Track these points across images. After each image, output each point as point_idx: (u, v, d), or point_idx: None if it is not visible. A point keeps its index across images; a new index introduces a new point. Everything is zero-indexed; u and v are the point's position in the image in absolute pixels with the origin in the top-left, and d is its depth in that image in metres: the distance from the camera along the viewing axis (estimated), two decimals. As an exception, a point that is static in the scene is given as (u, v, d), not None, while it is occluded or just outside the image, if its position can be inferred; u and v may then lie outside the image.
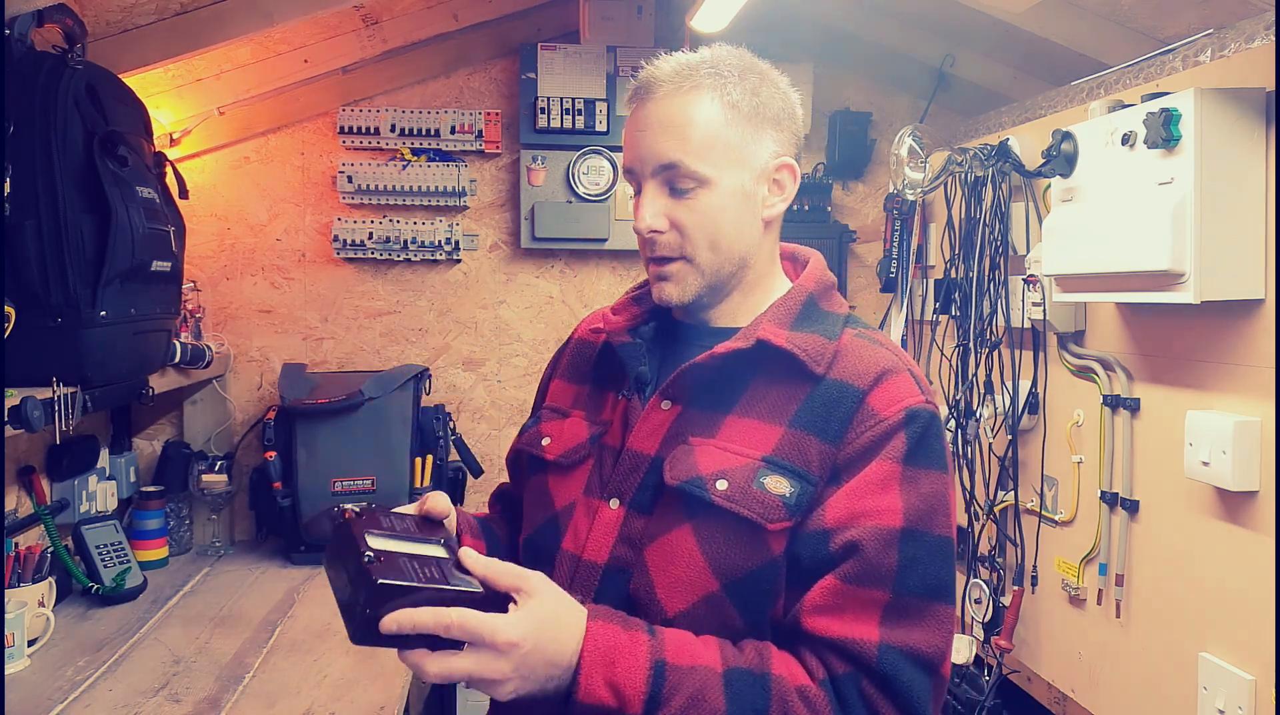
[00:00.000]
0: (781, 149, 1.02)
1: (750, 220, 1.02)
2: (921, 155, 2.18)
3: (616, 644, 0.86)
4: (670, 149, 0.97)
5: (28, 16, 1.54)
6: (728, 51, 1.02)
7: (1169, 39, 1.79)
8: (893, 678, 0.87)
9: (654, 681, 0.84)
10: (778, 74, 1.04)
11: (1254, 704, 1.39)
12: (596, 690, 0.84)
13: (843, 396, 0.95)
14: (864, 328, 1.04)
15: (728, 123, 0.98)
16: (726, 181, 0.98)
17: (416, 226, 2.52)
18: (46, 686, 1.58)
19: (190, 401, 2.47)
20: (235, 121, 2.44)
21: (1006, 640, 1.94)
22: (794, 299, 1.03)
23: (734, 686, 0.86)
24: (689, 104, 0.97)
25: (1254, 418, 1.39)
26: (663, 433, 1.00)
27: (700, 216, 0.98)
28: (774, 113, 1.01)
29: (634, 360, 1.05)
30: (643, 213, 0.99)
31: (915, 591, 0.90)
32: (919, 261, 2.34)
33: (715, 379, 1.00)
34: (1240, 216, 1.39)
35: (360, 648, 1.75)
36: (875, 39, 2.52)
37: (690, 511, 0.94)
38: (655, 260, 1.02)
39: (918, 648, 0.89)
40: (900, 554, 0.89)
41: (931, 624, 0.90)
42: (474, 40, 2.53)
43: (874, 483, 0.91)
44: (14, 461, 1.92)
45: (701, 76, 0.98)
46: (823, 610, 0.90)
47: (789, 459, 0.94)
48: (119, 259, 1.58)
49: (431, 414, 2.40)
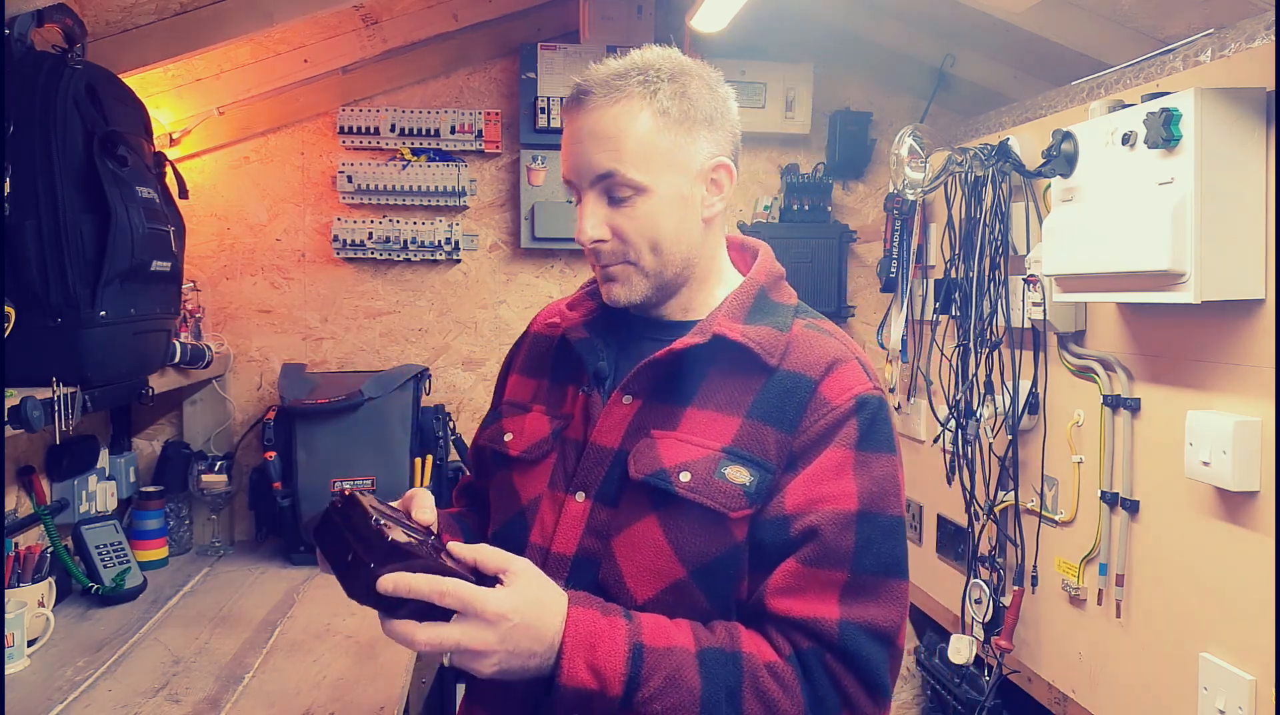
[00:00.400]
0: (716, 149, 1.04)
1: (690, 222, 1.04)
2: (922, 155, 2.18)
3: (596, 628, 0.89)
4: (606, 160, 0.99)
5: (28, 16, 1.54)
6: (657, 54, 1.03)
7: (1169, 39, 1.79)
8: (853, 652, 0.92)
9: (633, 663, 0.88)
10: (710, 74, 1.05)
11: (1254, 704, 1.39)
12: (578, 673, 0.87)
13: (796, 386, 0.99)
14: (813, 318, 1.08)
15: (660, 129, 1.00)
16: (663, 187, 1.00)
17: (416, 226, 2.53)
18: (46, 686, 1.58)
19: (190, 401, 2.47)
20: (235, 121, 2.44)
21: (1007, 640, 1.94)
22: (746, 292, 1.06)
23: (708, 665, 0.90)
24: (620, 114, 0.99)
25: (1254, 418, 1.39)
26: (625, 426, 1.03)
27: (640, 223, 1.01)
28: (706, 114, 1.03)
29: (592, 356, 1.08)
30: (584, 223, 1.02)
31: (871, 570, 0.95)
32: (919, 261, 2.34)
33: (673, 373, 1.03)
34: (1240, 216, 1.39)
35: (360, 648, 1.76)
36: (875, 39, 2.52)
37: (655, 503, 0.98)
38: (601, 265, 1.05)
39: (875, 622, 0.94)
40: (857, 536, 0.95)
41: (887, 599, 0.95)
42: (474, 40, 2.53)
43: (829, 469, 0.96)
44: (14, 461, 1.92)
45: (631, 85, 1.00)
46: (785, 592, 0.94)
47: (748, 449, 0.98)
48: (119, 259, 1.58)
49: (431, 414, 2.40)
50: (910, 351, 2.41)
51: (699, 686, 0.89)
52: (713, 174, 1.04)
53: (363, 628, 1.86)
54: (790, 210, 2.62)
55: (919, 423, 2.40)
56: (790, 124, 2.59)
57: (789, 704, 0.91)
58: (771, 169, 2.70)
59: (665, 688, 0.89)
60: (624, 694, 0.88)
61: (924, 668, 2.57)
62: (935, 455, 2.25)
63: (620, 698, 0.88)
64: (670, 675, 0.89)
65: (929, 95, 2.62)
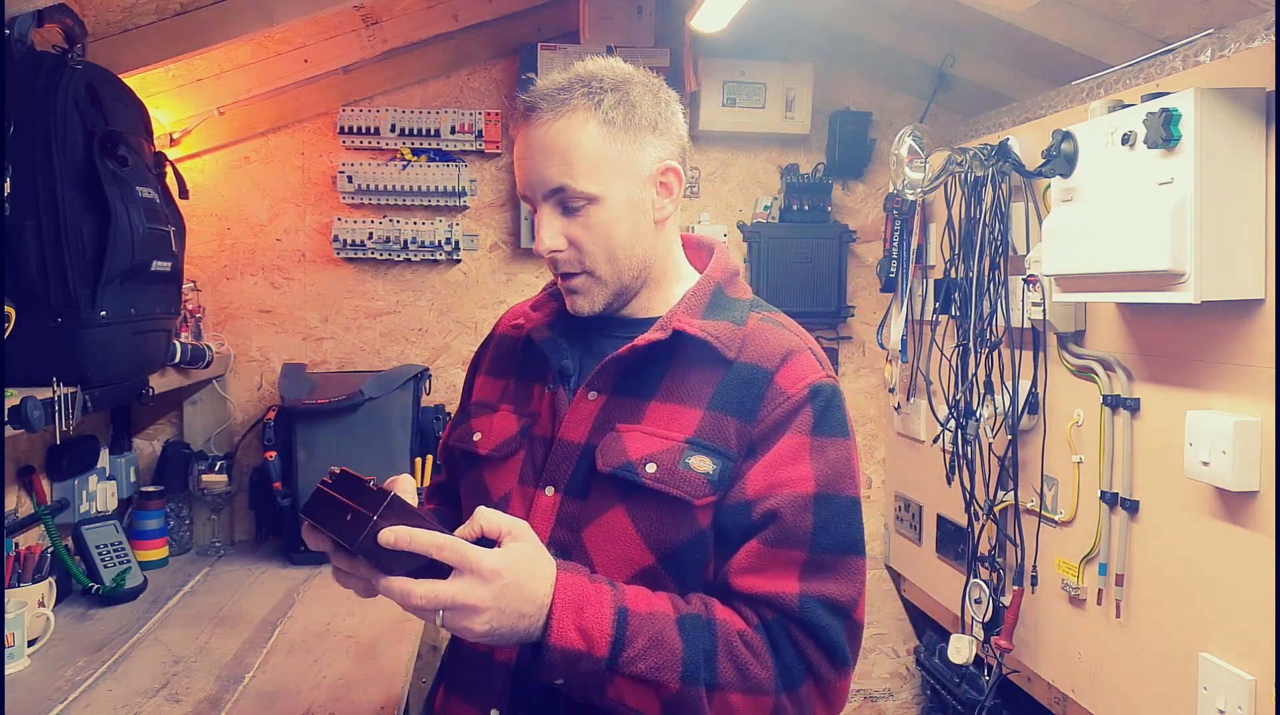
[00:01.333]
0: (664, 153, 1.07)
1: (643, 226, 1.07)
2: (921, 155, 2.18)
3: (584, 592, 0.94)
4: (556, 174, 1.03)
5: (28, 16, 1.54)
6: (599, 65, 1.07)
7: (1169, 39, 1.79)
8: (813, 623, 0.98)
9: (618, 625, 0.93)
10: (653, 81, 1.09)
11: (1254, 704, 1.39)
12: (568, 633, 0.91)
13: (754, 378, 1.04)
14: (767, 312, 1.13)
15: (606, 138, 1.03)
16: (614, 194, 1.04)
17: (416, 226, 2.53)
18: (46, 686, 1.58)
19: (190, 401, 2.47)
20: (235, 121, 2.44)
21: (1006, 640, 1.94)
22: (704, 289, 1.10)
23: (687, 629, 0.95)
24: (567, 127, 1.02)
25: (1254, 418, 1.39)
26: (591, 422, 1.06)
27: (594, 232, 1.05)
28: (650, 120, 1.06)
29: (556, 354, 1.11)
30: (542, 235, 1.05)
31: (828, 549, 1.00)
32: (919, 261, 2.34)
33: (636, 368, 1.07)
34: (1240, 216, 1.39)
35: (360, 648, 1.76)
36: (875, 39, 2.52)
37: (623, 494, 1.02)
38: (562, 276, 1.09)
39: (833, 597, 0.99)
40: (815, 517, 1.00)
41: (843, 576, 1.00)
42: (474, 40, 2.53)
43: (787, 455, 1.01)
44: (14, 461, 1.92)
45: (575, 97, 1.03)
46: (748, 571, 1.00)
47: (710, 439, 1.02)
48: (119, 259, 1.58)
49: (431, 414, 2.40)
50: (910, 351, 2.41)
51: (680, 648, 0.94)
52: (661, 178, 1.07)
53: (363, 628, 1.86)
54: (790, 210, 2.62)
55: (919, 423, 2.40)
56: (790, 124, 2.59)
57: (759, 668, 0.96)
58: (771, 169, 2.70)
59: (649, 648, 0.93)
60: (609, 654, 0.92)
61: (924, 667, 2.57)
62: (935, 455, 2.25)
63: (606, 658, 0.92)
64: (654, 637, 0.93)
65: (929, 95, 2.62)
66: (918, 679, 2.79)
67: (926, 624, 2.64)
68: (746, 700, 0.96)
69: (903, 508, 2.54)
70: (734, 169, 2.69)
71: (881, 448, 2.74)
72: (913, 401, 2.44)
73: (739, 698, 0.95)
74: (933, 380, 2.27)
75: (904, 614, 2.78)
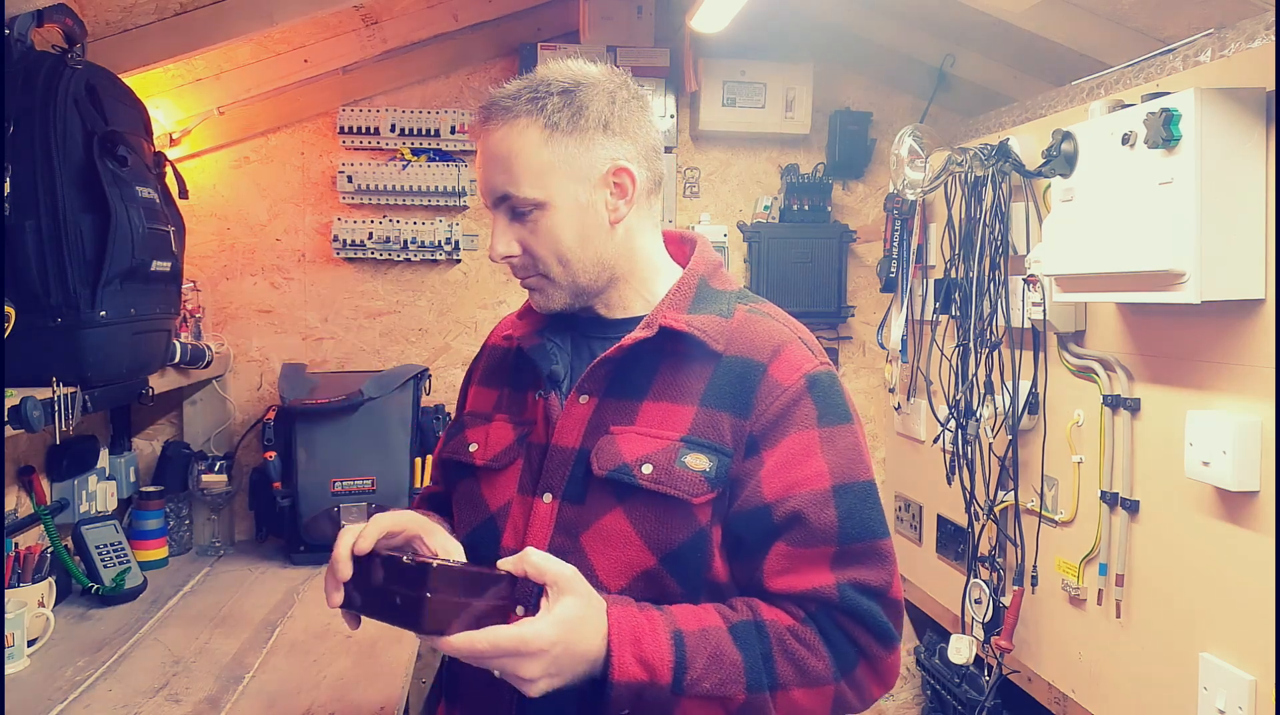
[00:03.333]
0: (618, 153, 1.06)
1: (595, 228, 1.07)
2: (922, 155, 2.18)
3: (638, 624, 0.94)
4: (502, 182, 1.04)
5: (28, 16, 1.54)
6: (556, 68, 1.08)
7: (1169, 39, 1.79)
8: (854, 608, 0.99)
9: (677, 650, 0.93)
10: (615, 81, 1.08)
11: (1254, 704, 1.39)
12: (630, 668, 0.92)
13: (746, 371, 1.04)
14: (754, 302, 1.12)
15: (548, 143, 1.03)
16: (560, 199, 1.04)
17: (416, 226, 2.53)
18: (46, 687, 1.58)
19: (190, 401, 2.47)
20: (235, 121, 2.44)
21: (1007, 640, 1.94)
22: (688, 283, 1.10)
23: (741, 638, 0.96)
24: (509, 135, 1.03)
25: (1254, 418, 1.39)
26: (584, 426, 1.06)
27: (542, 237, 1.05)
28: (600, 120, 1.05)
29: (545, 360, 1.11)
30: (494, 242, 1.07)
31: (856, 537, 1.01)
32: (919, 261, 2.34)
33: (626, 368, 1.07)
34: (1240, 216, 1.39)
35: (360, 648, 1.76)
36: (875, 39, 2.52)
37: (620, 496, 1.02)
38: (519, 278, 1.10)
39: (868, 582, 1.00)
40: (837, 509, 1.00)
41: (874, 561, 1.01)
42: (474, 40, 2.53)
43: (798, 453, 1.01)
44: (14, 461, 1.92)
45: (521, 104, 1.04)
46: (781, 573, 1.00)
47: (704, 436, 1.02)
48: (119, 259, 1.57)
49: (431, 414, 2.40)
50: (910, 351, 2.41)
51: (740, 659, 0.95)
52: (614, 178, 1.06)
53: (363, 628, 1.85)
54: (790, 210, 2.62)
55: (919, 423, 2.40)
56: (790, 124, 2.59)
57: (815, 660, 0.98)
58: (771, 169, 2.70)
59: (710, 666, 0.94)
60: (674, 679, 0.92)
61: (924, 668, 2.57)
62: (935, 455, 2.25)
63: (670, 684, 0.92)
64: (713, 654, 0.94)
65: (929, 95, 2.62)
66: (918, 679, 2.79)
67: (927, 624, 2.64)
68: (809, 694, 0.98)
69: (903, 508, 2.54)
70: (734, 169, 2.69)
71: (881, 448, 2.74)
72: (913, 401, 2.44)
73: (801, 693, 0.97)
74: (933, 380, 2.27)
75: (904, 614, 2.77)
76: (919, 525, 2.44)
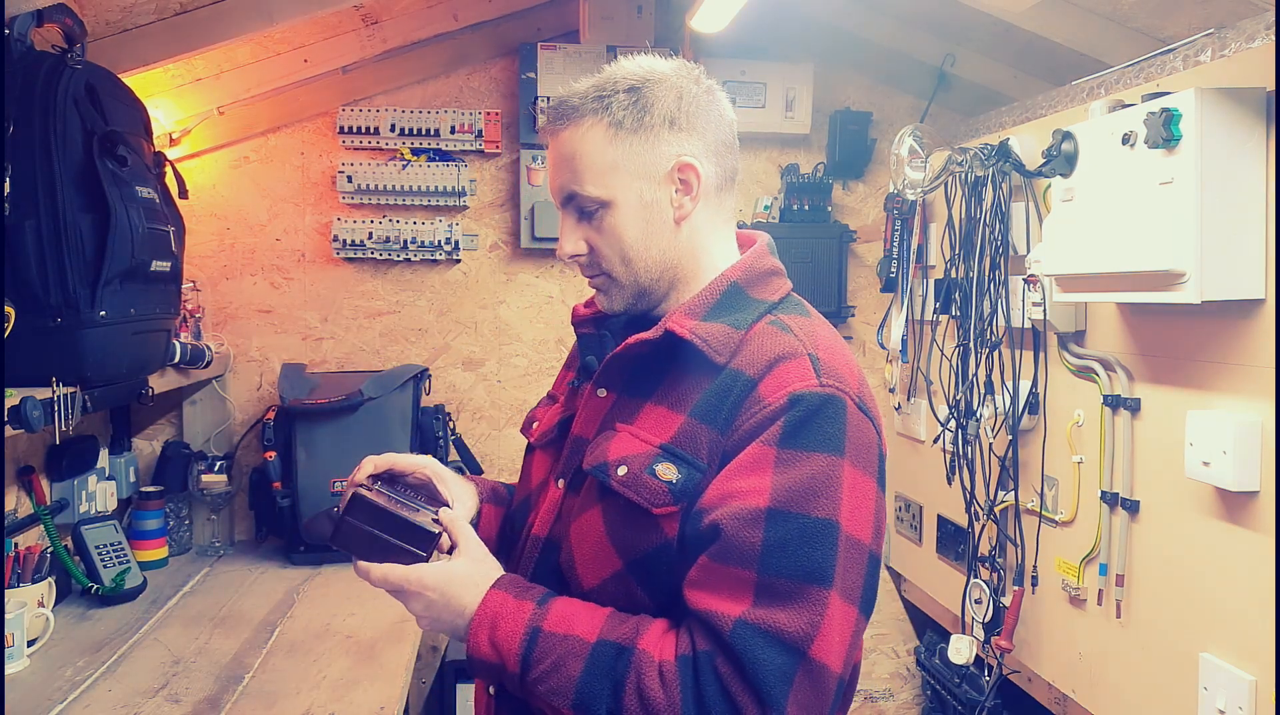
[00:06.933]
0: (683, 149, 1.04)
1: (660, 226, 1.05)
2: (922, 155, 2.18)
3: (504, 609, 0.98)
4: (567, 181, 1.05)
5: (27, 16, 1.54)
6: (625, 65, 1.07)
7: (1169, 39, 1.79)
8: (741, 654, 0.88)
9: (527, 644, 0.96)
10: (685, 76, 1.06)
11: (1254, 704, 1.39)
12: (482, 646, 0.98)
13: (734, 385, 0.99)
14: (788, 313, 1.05)
15: (613, 141, 1.03)
16: (624, 197, 1.04)
17: (416, 226, 2.52)
18: (46, 687, 1.58)
19: (190, 401, 2.47)
20: (235, 121, 2.44)
21: (1007, 640, 1.94)
22: (714, 289, 1.05)
23: (594, 657, 0.94)
24: (574, 135, 1.04)
25: (1254, 418, 1.39)
26: (599, 418, 1.08)
27: (607, 236, 1.05)
28: (667, 116, 1.03)
29: (586, 350, 1.15)
30: (562, 241, 1.08)
31: (784, 573, 0.90)
32: (919, 261, 2.34)
33: (641, 367, 1.06)
34: (1241, 216, 1.39)
35: (360, 648, 1.76)
36: (875, 39, 2.52)
37: (600, 494, 1.02)
38: (587, 277, 1.11)
39: (779, 627, 0.89)
40: (765, 534, 0.91)
41: (800, 606, 0.89)
42: (474, 40, 2.53)
43: (745, 465, 0.94)
44: (14, 461, 1.92)
45: (587, 104, 1.03)
46: (695, 584, 0.94)
47: (682, 447, 0.99)
48: (118, 259, 1.57)
49: (431, 414, 2.40)
50: (910, 351, 2.41)
51: (577, 676, 0.94)
52: (679, 174, 1.04)
53: (363, 628, 1.86)
54: (790, 210, 2.62)
55: (919, 423, 2.40)
56: (790, 124, 2.59)
57: (665, 707, 0.90)
58: (771, 169, 2.70)
59: (550, 671, 0.95)
60: (520, 671, 0.96)
61: (924, 668, 2.57)
62: (935, 455, 2.25)
63: (518, 674, 0.96)
64: (556, 661, 0.95)
65: (929, 95, 2.62)
66: (918, 679, 2.79)
67: (927, 624, 2.64)
68: None
69: (903, 508, 2.54)
70: (734, 169, 2.69)
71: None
72: (913, 401, 2.44)
73: None
74: (933, 380, 2.26)
75: (904, 614, 2.78)
76: (919, 525, 2.44)
